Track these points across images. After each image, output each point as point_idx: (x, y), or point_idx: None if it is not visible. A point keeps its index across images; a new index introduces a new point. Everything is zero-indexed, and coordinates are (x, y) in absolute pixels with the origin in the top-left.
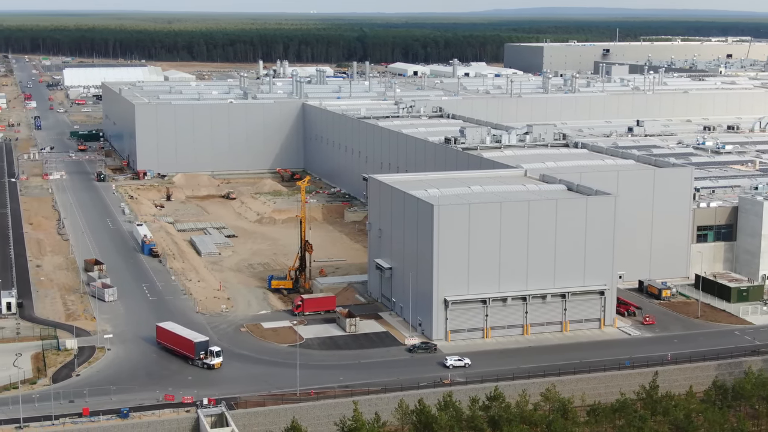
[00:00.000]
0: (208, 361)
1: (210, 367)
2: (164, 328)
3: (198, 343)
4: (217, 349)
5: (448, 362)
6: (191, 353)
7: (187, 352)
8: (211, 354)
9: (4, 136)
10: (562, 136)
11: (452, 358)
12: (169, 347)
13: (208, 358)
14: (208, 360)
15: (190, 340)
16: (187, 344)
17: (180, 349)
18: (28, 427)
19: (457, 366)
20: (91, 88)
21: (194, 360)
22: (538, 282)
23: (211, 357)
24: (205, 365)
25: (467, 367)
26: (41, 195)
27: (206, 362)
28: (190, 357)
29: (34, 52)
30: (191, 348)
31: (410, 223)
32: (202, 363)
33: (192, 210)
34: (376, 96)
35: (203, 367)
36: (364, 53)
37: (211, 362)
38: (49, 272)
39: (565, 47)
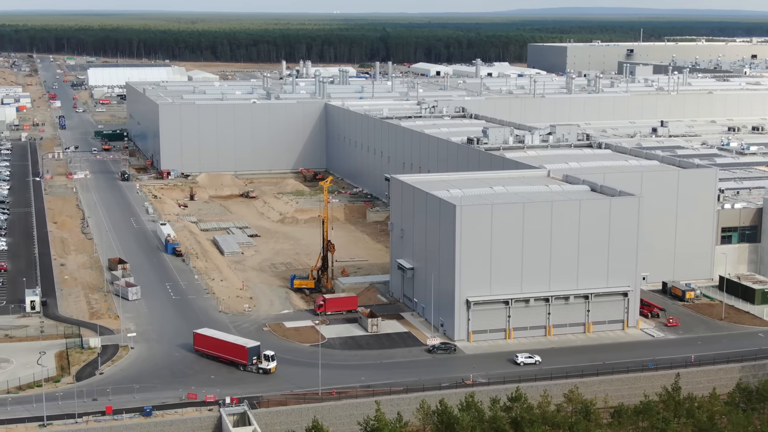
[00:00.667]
0: (264, 366)
1: (266, 371)
2: (205, 335)
3: (251, 349)
4: (271, 353)
5: (519, 359)
6: (244, 359)
7: (238, 358)
8: (266, 358)
9: (28, 135)
10: (586, 137)
11: (523, 354)
12: (212, 354)
13: (263, 363)
14: (263, 365)
15: (242, 346)
16: (238, 350)
17: (228, 356)
18: (51, 425)
19: (527, 363)
20: (115, 88)
21: (247, 366)
22: (561, 283)
23: (265, 361)
24: (261, 370)
25: (538, 364)
26: (65, 194)
27: (262, 367)
28: (242, 363)
29: (58, 51)
30: (244, 354)
31: (432, 223)
32: (257, 368)
33: (215, 209)
34: (398, 96)
35: (258, 372)
36: (386, 53)
37: (267, 367)
38: (73, 271)
39: (588, 47)
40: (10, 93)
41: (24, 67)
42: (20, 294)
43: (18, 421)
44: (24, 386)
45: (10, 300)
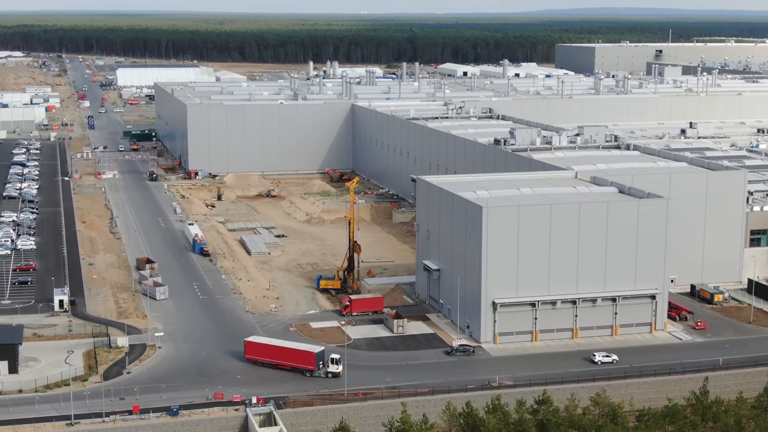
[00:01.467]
0: (333, 370)
1: (335, 375)
2: (259, 343)
3: (318, 354)
4: (337, 357)
5: (596, 358)
6: (311, 365)
7: (305, 364)
8: (332, 362)
9: (57, 135)
10: (614, 138)
11: (600, 354)
12: (269, 362)
13: (330, 367)
14: (331, 368)
15: (309, 352)
16: (304, 356)
17: (292, 363)
18: (79, 423)
19: (605, 362)
20: (143, 88)
21: (314, 371)
22: (589, 285)
23: (333, 365)
24: (330, 374)
25: (614, 363)
26: (94, 194)
27: (330, 371)
28: (309, 369)
29: (87, 52)
30: (311, 359)
31: (459, 224)
32: (325, 372)
33: (242, 210)
34: (425, 97)
35: (327, 377)
36: (413, 54)
37: (336, 370)
38: (101, 270)
39: (617, 48)
40: (40, 93)
41: (53, 67)
42: (49, 293)
43: (46, 419)
44: (52, 385)
45: (39, 299)
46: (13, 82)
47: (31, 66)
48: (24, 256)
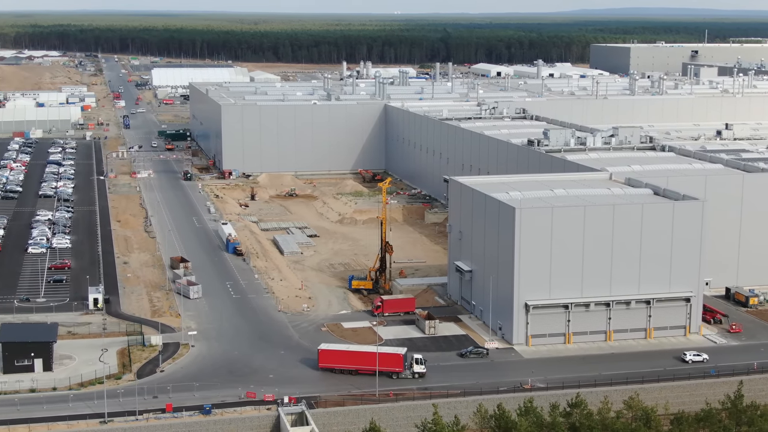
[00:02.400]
0: (418, 370)
1: (421, 375)
2: (337, 350)
3: (405, 355)
4: (419, 357)
5: (687, 357)
6: (399, 366)
7: (392, 366)
8: (416, 362)
9: (93, 134)
10: (649, 139)
11: (691, 353)
12: (349, 368)
13: (415, 367)
14: (416, 369)
15: (397, 354)
16: (391, 359)
17: (375, 367)
18: (112, 421)
19: (695, 360)
20: (178, 88)
21: (401, 373)
22: (622, 288)
23: (417, 365)
24: (416, 374)
25: (705, 362)
26: (129, 193)
27: (417, 371)
28: (396, 371)
29: (123, 51)
30: (399, 361)
31: (491, 225)
32: (412, 373)
33: (275, 209)
34: (458, 97)
35: (413, 377)
36: (447, 54)
37: (421, 370)
38: (135, 269)
39: (652, 48)
40: (76, 92)
41: (89, 66)
42: (83, 291)
43: (79, 417)
44: (86, 383)
45: (74, 297)
46: (50, 82)
47: (67, 65)
48: (59, 254)
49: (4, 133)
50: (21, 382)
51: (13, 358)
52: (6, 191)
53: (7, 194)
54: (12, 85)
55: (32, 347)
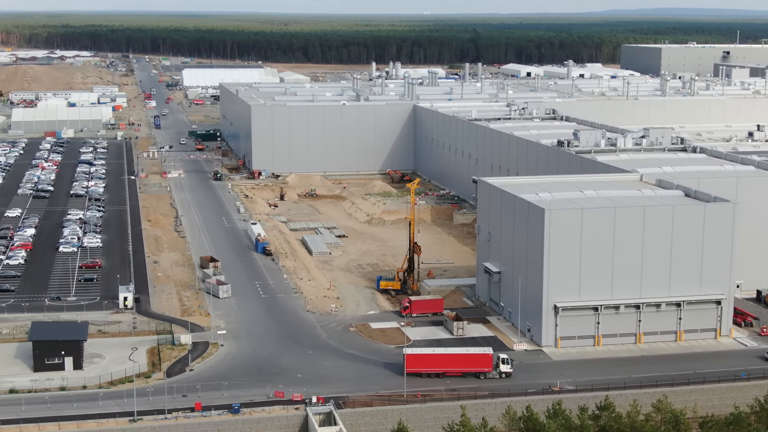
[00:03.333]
0: (506, 370)
1: (508, 375)
2: (425, 354)
3: (494, 355)
4: (505, 356)
5: None
6: (488, 367)
7: (480, 367)
8: (503, 362)
9: (124, 134)
10: (680, 141)
11: None
12: (438, 371)
13: (502, 367)
14: (504, 369)
15: (486, 354)
16: (480, 359)
17: (465, 368)
18: (142, 420)
19: None
20: (209, 89)
21: (488, 373)
22: (653, 290)
23: (504, 365)
24: (504, 374)
25: None
26: (160, 193)
27: (504, 371)
28: (485, 371)
29: (154, 52)
30: (488, 362)
31: (520, 227)
32: (499, 373)
33: (304, 210)
34: (487, 98)
35: (501, 377)
36: (476, 54)
37: (508, 370)
38: (165, 268)
39: (683, 49)
40: (107, 92)
41: (120, 67)
42: (114, 290)
43: (109, 415)
44: (116, 381)
45: (104, 296)
46: (81, 82)
47: (99, 66)
48: (90, 253)
49: (36, 132)
50: (51, 380)
51: (43, 357)
52: (38, 190)
53: (38, 193)
54: (44, 85)
55: (63, 346)
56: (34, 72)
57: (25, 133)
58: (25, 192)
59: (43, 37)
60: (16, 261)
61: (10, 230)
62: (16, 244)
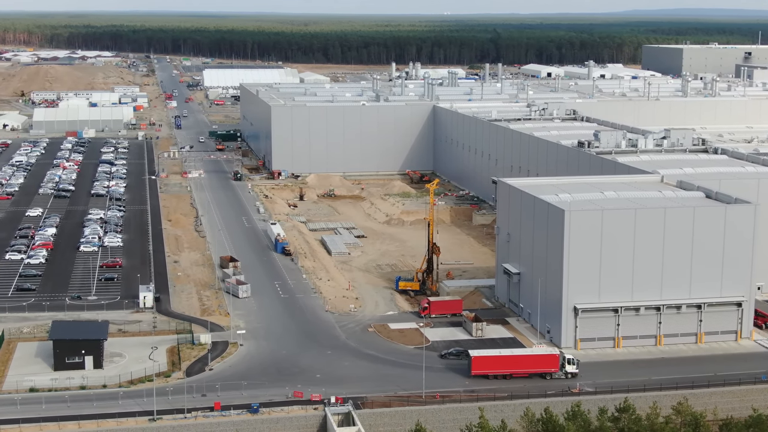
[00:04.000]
0: (572, 370)
1: (574, 375)
2: (491, 356)
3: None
4: (570, 357)
5: None
6: (555, 367)
7: (547, 367)
8: (569, 362)
9: (145, 134)
10: (701, 142)
11: None
12: (505, 372)
13: (568, 367)
14: (569, 369)
15: (553, 355)
16: (546, 360)
17: (532, 369)
18: (161, 419)
19: None
20: (229, 89)
21: (554, 374)
22: (673, 292)
23: (569, 365)
24: (570, 374)
25: None
26: (180, 192)
27: (570, 371)
28: (551, 371)
29: (175, 52)
30: (555, 362)
31: (540, 228)
32: (565, 373)
33: (323, 210)
34: (507, 98)
35: (567, 377)
36: (497, 54)
37: (574, 370)
38: (186, 268)
39: (705, 49)
40: (128, 93)
41: (141, 67)
42: (134, 290)
43: (129, 414)
44: (135, 380)
45: (125, 296)
46: (102, 82)
47: (120, 66)
48: (111, 253)
49: (58, 132)
50: (71, 379)
51: (64, 356)
52: (59, 190)
53: (59, 193)
54: (65, 85)
55: (83, 345)
56: (55, 72)
57: (47, 132)
58: (47, 191)
59: (65, 37)
60: (37, 260)
61: (31, 229)
62: (37, 244)
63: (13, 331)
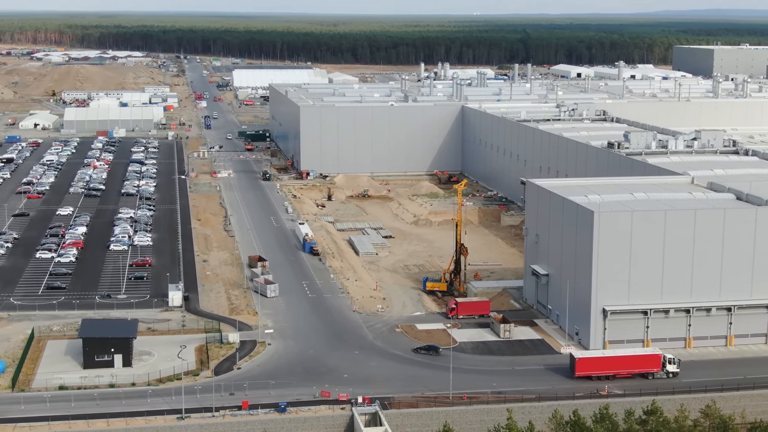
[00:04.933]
0: (673, 370)
1: (675, 375)
2: (596, 357)
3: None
4: (671, 357)
5: None
6: (658, 367)
7: (650, 367)
8: (670, 362)
9: (175, 134)
10: (732, 143)
11: None
12: (609, 373)
13: (669, 366)
14: (671, 369)
15: (656, 355)
16: (649, 360)
17: (636, 369)
18: (189, 417)
19: None
20: (258, 89)
21: (656, 373)
22: (703, 294)
23: (671, 365)
24: (671, 374)
25: None
26: (209, 192)
27: (672, 371)
28: (654, 371)
29: (205, 53)
30: (658, 362)
31: (569, 229)
32: (666, 373)
33: (351, 210)
34: (537, 99)
35: (668, 377)
36: (526, 55)
37: (676, 370)
38: (214, 267)
39: (736, 50)
40: (158, 93)
41: (171, 67)
42: (164, 289)
43: (157, 413)
44: (164, 379)
45: (154, 294)
46: (133, 82)
47: (150, 66)
48: (140, 252)
49: (88, 132)
50: (101, 377)
51: (93, 354)
52: (89, 189)
53: (90, 192)
54: (96, 85)
55: (112, 343)
56: (86, 72)
57: (78, 132)
58: (77, 190)
59: (96, 37)
60: (67, 259)
61: (62, 228)
62: (67, 242)
63: (43, 329)
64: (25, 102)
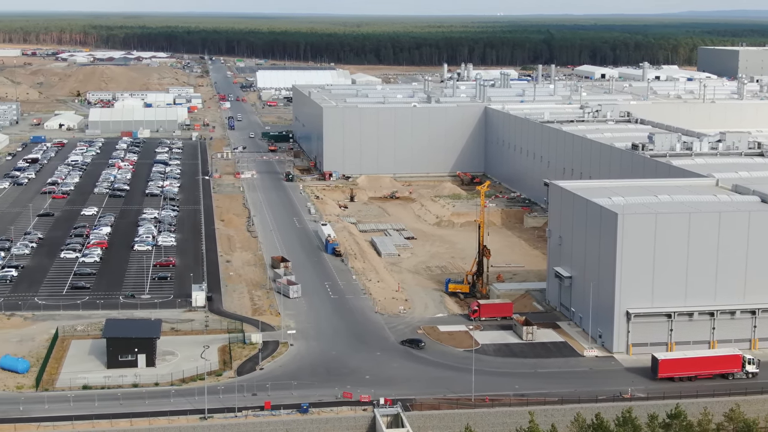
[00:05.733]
0: (752, 370)
1: (754, 375)
2: (678, 359)
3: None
4: (751, 357)
5: None
6: (737, 367)
7: (731, 368)
8: (749, 362)
9: (199, 135)
10: (758, 145)
11: None
12: (690, 374)
13: (748, 367)
14: (750, 369)
15: (736, 355)
16: (729, 361)
17: (717, 370)
18: (212, 417)
19: None
20: (282, 90)
21: (736, 374)
22: (727, 297)
23: (750, 365)
24: (750, 374)
25: None
26: (233, 193)
27: (751, 371)
28: (734, 371)
29: (228, 53)
30: (738, 362)
31: (592, 231)
32: (746, 373)
33: (373, 211)
34: (560, 100)
35: (748, 377)
36: (550, 55)
37: (755, 370)
38: (238, 268)
39: (762, 51)
40: (182, 93)
41: (195, 68)
42: (187, 289)
43: (180, 413)
44: (187, 379)
45: (178, 294)
46: (157, 83)
47: (175, 67)
48: (164, 252)
49: (113, 132)
50: (124, 377)
51: (117, 353)
52: (114, 189)
53: (114, 192)
54: (121, 86)
55: (136, 343)
56: (111, 72)
57: (102, 132)
58: (102, 191)
59: (120, 38)
60: (91, 259)
61: (86, 228)
62: (92, 242)
63: (67, 328)
64: (50, 102)
